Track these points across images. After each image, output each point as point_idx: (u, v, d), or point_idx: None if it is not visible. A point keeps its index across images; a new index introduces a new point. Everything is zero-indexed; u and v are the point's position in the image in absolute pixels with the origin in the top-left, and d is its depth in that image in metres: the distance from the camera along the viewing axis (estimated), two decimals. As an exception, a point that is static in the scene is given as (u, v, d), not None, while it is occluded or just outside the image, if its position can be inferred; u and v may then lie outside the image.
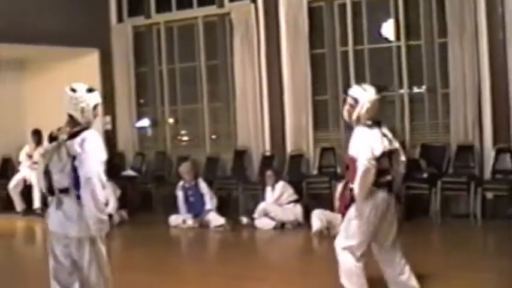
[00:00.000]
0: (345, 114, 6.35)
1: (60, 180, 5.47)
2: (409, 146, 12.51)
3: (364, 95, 6.23)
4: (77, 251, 5.49)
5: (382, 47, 13.07)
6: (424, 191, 11.78)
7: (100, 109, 5.73)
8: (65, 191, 5.46)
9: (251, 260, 9.47)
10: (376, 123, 6.20)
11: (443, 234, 11.22)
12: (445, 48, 12.22)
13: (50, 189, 5.58)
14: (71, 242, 5.49)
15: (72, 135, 5.45)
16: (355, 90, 6.34)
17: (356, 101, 6.20)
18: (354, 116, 6.20)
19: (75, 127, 5.48)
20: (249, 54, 13.79)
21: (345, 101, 6.47)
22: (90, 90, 5.58)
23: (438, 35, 12.41)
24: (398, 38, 12.74)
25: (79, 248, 5.47)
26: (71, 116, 5.54)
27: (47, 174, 5.55)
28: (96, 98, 5.60)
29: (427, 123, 12.67)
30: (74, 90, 5.54)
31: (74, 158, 5.39)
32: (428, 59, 12.53)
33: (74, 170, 5.40)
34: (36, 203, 14.40)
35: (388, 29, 12.99)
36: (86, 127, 5.50)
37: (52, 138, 5.61)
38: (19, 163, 15.10)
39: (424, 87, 12.70)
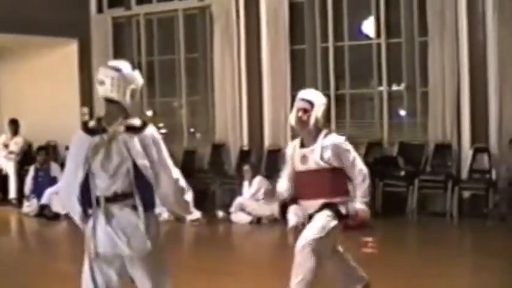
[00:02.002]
0: (294, 120, 5.90)
1: (111, 185, 4.30)
2: (387, 144, 12.56)
3: (318, 97, 5.95)
4: (133, 269, 4.46)
5: (362, 44, 13.08)
6: (401, 189, 11.83)
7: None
8: (116, 199, 4.32)
9: (226, 255, 9.44)
10: None
11: (420, 232, 11.27)
12: (425, 47, 12.22)
13: (87, 199, 4.33)
14: (126, 262, 4.43)
15: (131, 129, 4.36)
16: (308, 93, 6.02)
17: (311, 103, 5.84)
18: (312, 120, 5.81)
19: (123, 115, 4.39)
20: (228, 48, 13.70)
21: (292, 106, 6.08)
22: (133, 68, 4.52)
23: (419, 34, 12.41)
24: (378, 35, 12.74)
25: (137, 265, 4.45)
26: (113, 102, 4.40)
27: (86, 178, 4.31)
28: (140, 77, 4.60)
29: (405, 121, 12.68)
30: (117, 70, 4.41)
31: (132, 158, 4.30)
32: (408, 57, 12.54)
33: (137, 172, 4.31)
34: (12, 193, 14.31)
35: (368, 26, 13.00)
36: (144, 122, 4.46)
37: (92, 130, 4.38)
38: (-5, 153, 14.98)
39: (403, 85, 12.71)
